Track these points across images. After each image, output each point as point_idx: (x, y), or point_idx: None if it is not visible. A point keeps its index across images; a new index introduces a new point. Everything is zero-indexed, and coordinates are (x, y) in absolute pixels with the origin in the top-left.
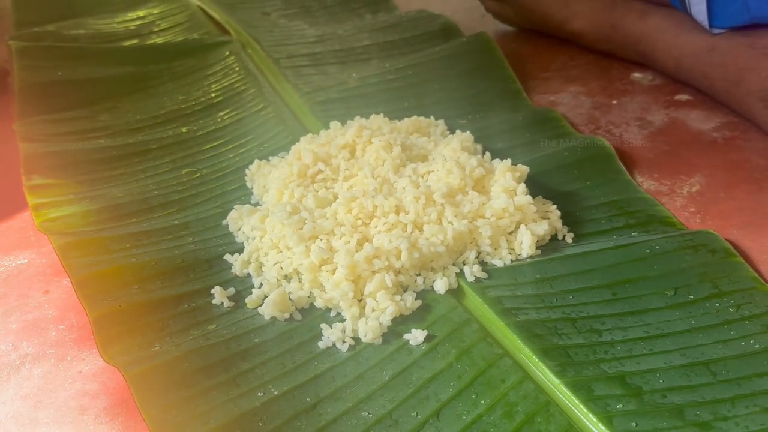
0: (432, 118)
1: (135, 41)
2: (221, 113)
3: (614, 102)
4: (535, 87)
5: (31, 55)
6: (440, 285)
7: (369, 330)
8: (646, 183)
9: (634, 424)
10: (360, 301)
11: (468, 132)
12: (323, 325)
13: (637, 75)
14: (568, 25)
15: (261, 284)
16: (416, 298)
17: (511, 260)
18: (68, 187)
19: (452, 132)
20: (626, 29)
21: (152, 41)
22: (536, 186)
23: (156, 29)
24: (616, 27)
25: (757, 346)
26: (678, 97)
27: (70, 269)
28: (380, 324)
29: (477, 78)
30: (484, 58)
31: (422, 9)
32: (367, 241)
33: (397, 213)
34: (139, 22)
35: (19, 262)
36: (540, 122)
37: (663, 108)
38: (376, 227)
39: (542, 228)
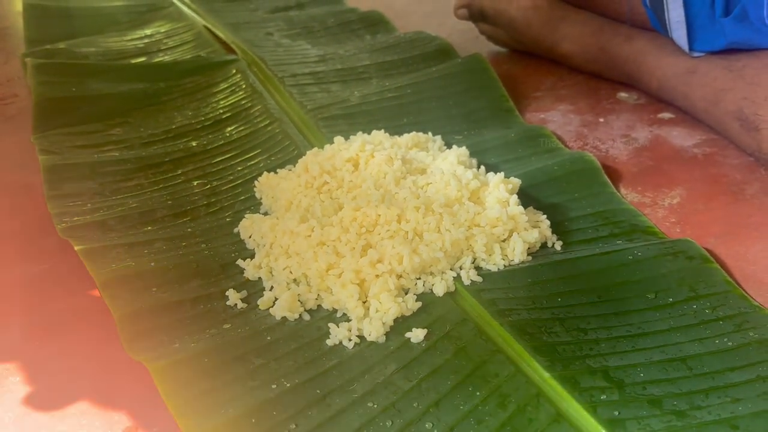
0: (430, 134)
1: (143, 59)
2: (229, 128)
3: (601, 120)
4: (527, 105)
5: (46, 71)
6: (439, 288)
7: (373, 329)
8: (630, 195)
9: (616, 413)
10: (364, 302)
11: (464, 147)
12: (330, 325)
13: (623, 95)
14: (558, 47)
15: (272, 287)
16: (416, 300)
17: (505, 265)
18: (86, 197)
19: (449, 147)
20: (613, 52)
21: (160, 59)
22: (527, 197)
23: (164, 47)
24: (604, 49)
25: (729, 343)
26: (661, 115)
27: (94, 272)
28: (383, 323)
29: (472, 96)
30: (478, 77)
31: (419, 30)
32: (371, 247)
33: (399, 221)
34: (147, 41)
35: (41, 267)
36: (531, 138)
37: (647, 125)
38: (379, 234)
39: (533, 236)
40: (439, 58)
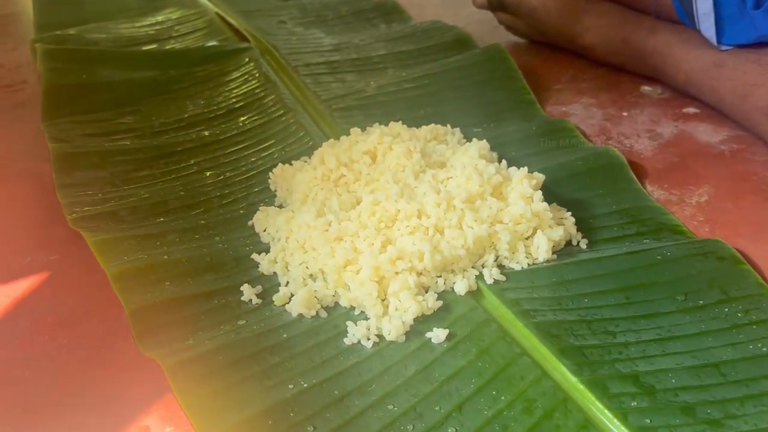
0: (448, 126)
1: (154, 46)
2: (242, 118)
3: (625, 114)
4: (548, 98)
5: (56, 57)
6: (460, 286)
7: (392, 328)
8: (656, 192)
9: (648, 421)
10: (383, 300)
11: (484, 140)
12: (348, 323)
13: (646, 88)
14: (580, 39)
15: (287, 282)
16: (437, 299)
17: (528, 264)
18: (97, 186)
19: (468, 140)
20: (636, 44)
21: (171, 46)
22: (551, 193)
23: (175, 34)
24: (627, 41)
25: (764, 349)
26: (686, 110)
27: (105, 264)
28: (403, 322)
29: (491, 88)
30: (498, 69)
31: (436, 20)
32: (390, 244)
33: (419, 217)
34: (158, 27)
35: (51, 258)
36: (553, 132)
37: (672, 120)
38: (398, 230)
39: (558, 234)
40: (456, 48)
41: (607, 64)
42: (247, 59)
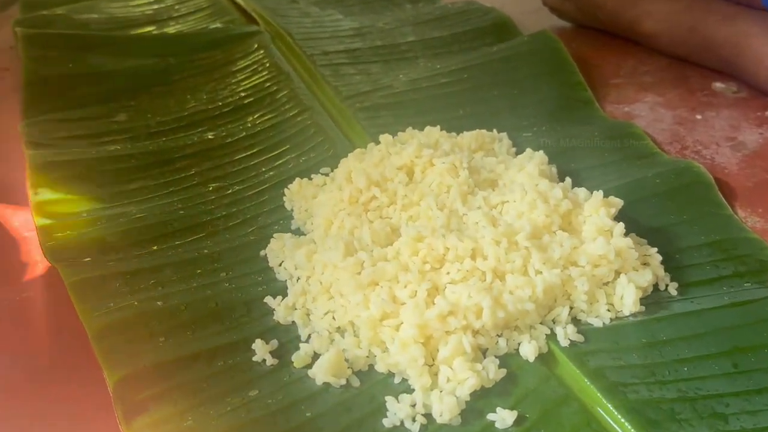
0: (494, 131)
1: (152, 28)
2: (251, 117)
3: (698, 117)
4: (606, 95)
5: (39, 43)
6: (528, 350)
7: (444, 407)
8: (750, 219)
9: None
10: (431, 366)
11: (541, 152)
12: (388, 398)
13: (719, 85)
14: (639, 25)
15: (309, 336)
16: (499, 366)
17: (611, 318)
18: (81, 203)
19: (517, 148)
20: (707, 33)
21: (171, 28)
22: (626, 220)
23: (175, 14)
24: (695, 30)
25: None
26: None
27: (85, 317)
28: (457, 399)
29: (541, 83)
30: (548, 60)
31: (470, 0)
32: (437, 293)
33: (474, 258)
34: (156, 6)
35: (24, 295)
36: (618, 138)
37: (755, 126)
38: (448, 274)
39: (645, 278)
40: (496, 34)
41: (670, 55)
42: (255, 45)
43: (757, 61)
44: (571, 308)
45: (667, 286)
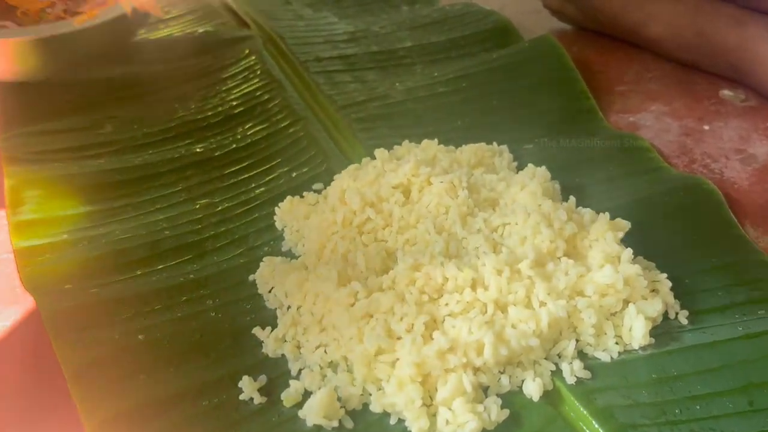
0: (495, 144)
1: (140, 32)
2: (242, 128)
3: (706, 127)
4: (610, 103)
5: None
6: (532, 388)
7: None
8: (762, 240)
9: None
10: (429, 406)
11: (543, 167)
12: None
13: (726, 92)
14: (644, 29)
15: (300, 371)
16: (502, 406)
17: (619, 352)
18: (62, 223)
19: (517, 160)
20: (716, 38)
21: (160, 32)
22: (632, 240)
23: (165, 17)
24: (703, 34)
25: None
26: None
27: (62, 354)
28: None
29: (543, 92)
30: (550, 67)
31: (468, 2)
32: (435, 324)
33: (474, 288)
34: None
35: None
36: (624, 151)
37: (765, 137)
38: (446, 305)
39: (655, 308)
40: (496, 39)
41: (676, 60)
42: (246, 51)
43: None
44: (577, 341)
45: (677, 314)
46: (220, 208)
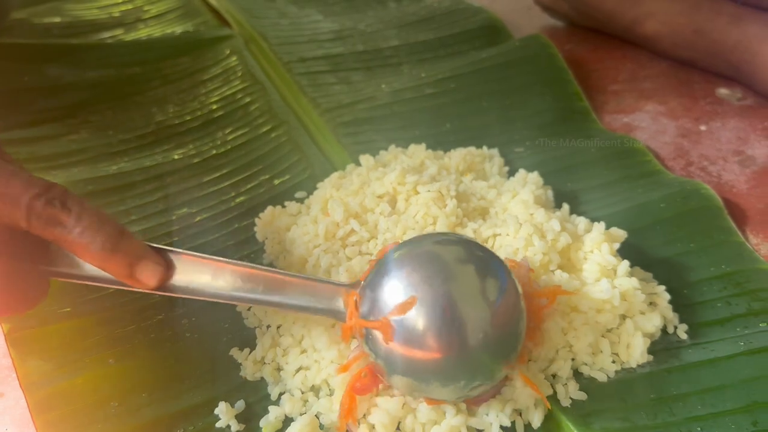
0: (485, 147)
1: (119, 32)
2: (221, 132)
3: (703, 128)
4: (604, 103)
5: None
6: (527, 412)
7: None
8: (762, 247)
9: None
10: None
11: (536, 173)
12: None
13: (723, 91)
14: (640, 26)
15: (279, 396)
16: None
17: (616, 371)
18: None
19: (508, 165)
20: (714, 36)
21: (139, 32)
22: (628, 249)
23: (144, 17)
24: (701, 32)
25: None
26: None
27: (26, 383)
28: None
29: (534, 93)
30: (541, 67)
31: None
32: None
33: None
34: (123, 8)
35: None
36: (618, 155)
37: (764, 138)
38: None
39: (653, 323)
40: (486, 37)
41: (673, 58)
42: (227, 51)
43: (766, 68)
44: (573, 359)
45: (676, 328)
46: (198, 218)
